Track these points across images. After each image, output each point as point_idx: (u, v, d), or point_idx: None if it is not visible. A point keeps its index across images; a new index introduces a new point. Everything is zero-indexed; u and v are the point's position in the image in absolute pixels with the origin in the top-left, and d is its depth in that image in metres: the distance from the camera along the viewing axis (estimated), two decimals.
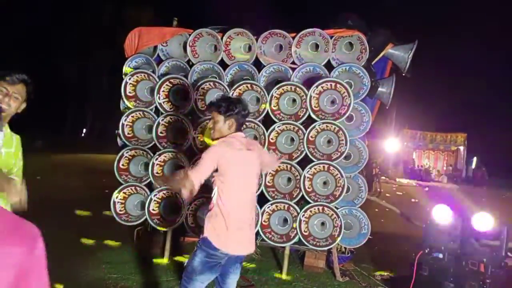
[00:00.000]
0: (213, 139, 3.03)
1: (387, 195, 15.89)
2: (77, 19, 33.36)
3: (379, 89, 5.48)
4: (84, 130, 40.02)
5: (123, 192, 5.42)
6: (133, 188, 5.41)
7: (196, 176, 2.77)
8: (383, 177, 17.41)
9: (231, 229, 2.82)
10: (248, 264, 5.37)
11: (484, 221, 3.91)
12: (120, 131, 5.45)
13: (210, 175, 2.87)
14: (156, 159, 5.26)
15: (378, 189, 16.49)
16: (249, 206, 2.99)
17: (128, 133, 5.49)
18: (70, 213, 7.54)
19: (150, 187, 5.37)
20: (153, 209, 5.27)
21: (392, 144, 22.94)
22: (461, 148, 29.85)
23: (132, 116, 5.46)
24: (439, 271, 3.97)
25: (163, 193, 5.27)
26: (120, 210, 5.43)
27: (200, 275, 2.82)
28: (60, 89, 35.07)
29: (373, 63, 5.44)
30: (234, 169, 2.87)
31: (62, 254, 5.22)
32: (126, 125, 5.47)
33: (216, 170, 2.86)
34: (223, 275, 2.94)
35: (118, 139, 5.63)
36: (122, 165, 5.46)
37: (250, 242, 3.01)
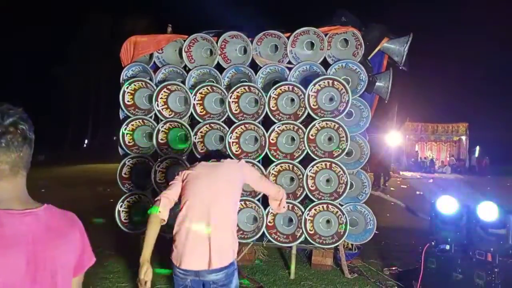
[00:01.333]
0: None
1: (391, 189, 15.85)
2: (73, 32, 33.54)
3: (377, 83, 5.48)
4: (86, 141, 40.10)
5: (127, 201, 5.42)
6: (136, 196, 5.41)
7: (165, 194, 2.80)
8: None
9: (190, 242, 2.69)
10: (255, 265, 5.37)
11: (489, 210, 3.89)
12: (120, 140, 5.46)
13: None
14: (158, 166, 5.26)
15: (382, 184, 16.47)
16: (210, 220, 2.72)
17: (129, 142, 5.50)
18: None
19: (154, 194, 5.37)
20: None
21: (394, 138, 22.88)
22: (463, 138, 29.77)
23: (132, 125, 5.47)
24: (447, 263, 3.96)
25: None
26: (125, 219, 5.43)
27: None
28: (60, 102, 35.22)
29: (369, 58, 5.43)
30: (194, 180, 2.80)
31: None
32: (126, 134, 5.48)
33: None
34: None
35: (120, 149, 5.63)
36: (125, 174, 5.47)
37: (207, 257, 2.67)
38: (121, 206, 5.41)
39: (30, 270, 1.24)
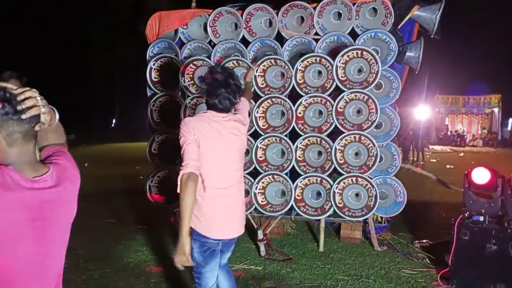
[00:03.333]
0: None
1: (421, 162, 15.60)
2: (98, 13, 33.79)
3: (407, 53, 5.31)
4: (114, 121, 40.87)
5: (157, 176, 5.52)
6: (166, 171, 5.50)
7: (186, 163, 2.52)
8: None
9: (220, 212, 2.65)
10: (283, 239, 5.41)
11: None
12: (149, 116, 5.52)
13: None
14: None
15: (412, 158, 16.21)
16: (233, 181, 2.73)
17: (157, 118, 5.55)
18: (107, 201, 7.78)
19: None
20: None
21: (424, 111, 22.35)
22: (496, 110, 28.82)
23: (159, 101, 5.51)
24: (481, 234, 3.89)
25: None
26: (156, 194, 5.54)
27: (206, 265, 2.66)
28: (87, 83, 35.89)
29: (399, 27, 5.26)
30: (210, 146, 2.62)
31: (103, 239, 5.43)
32: (154, 110, 5.53)
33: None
34: None
35: (148, 125, 5.71)
36: (154, 149, 5.56)
37: (240, 223, 2.80)
38: (151, 181, 5.51)
39: (36, 232, 1.39)
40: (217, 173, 2.65)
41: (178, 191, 2.48)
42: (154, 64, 5.50)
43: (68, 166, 1.56)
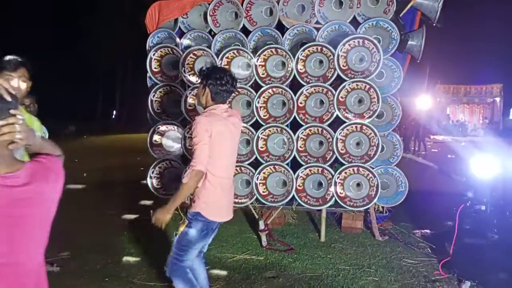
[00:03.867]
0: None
1: (423, 152, 15.58)
2: (97, 2, 33.59)
3: (409, 42, 5.26)
4: (114, 112, 40.82)
5: (158, 167, 5.51)
6: (167, 162, 5.49)
7: (199, 160, 2.75)
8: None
9: (222, 198, 2.95)
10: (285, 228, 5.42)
11: None
12: (149, 107, 5.49)
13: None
14: (187, 132, 5.29)
15: (413, 147, 16.17)
16: (232, 173, 3.13)
17: (158, 109, 5.53)
18: (108, 193, 7.79)
19: (184, 160, 5.44)
20: None
21: (425, 101, 22.26)
22: (497, 99, 28.68)
23: (160, 92, 5.49)
24: (483, 223, 3.88)
25: None
26: (158, 185, 5.54)
27: (196, 243, 2.92)
28: (88, 74, 35.78)
29: (401, 15, 5.21)
30: (221, 141, 2.84)
31: (104, 231, 5.44)
32: (155, 101, 5.50)
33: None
34: None
35: (149, 116, 5.68)
36: (155, 140, 5.54)
37: (231, 209, 3.13)
38: (152, 172, 5.50)
39: (3, 232, 1.33)
40: (223, 165, 2.94)
41: (184, 180, 2.76)
42: (154, 54, 5.47)
43: (50, 165, 1.49)
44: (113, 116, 40.56)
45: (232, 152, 3.04)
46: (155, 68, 5.52)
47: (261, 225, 5.00)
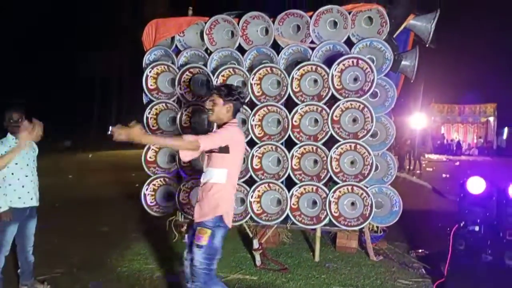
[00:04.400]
0: (209, 120, 3.34)
1: (418, 171, 15.62)
2: (95, 19, 33.83)
3: (403, 62, 5.32)
4: (110, 128, 40.76)
5: (153, 184, 5.49)
6: (162, 179, 5.47)
7: (206, 142, 2.95)
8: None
9: (232, 206, 3.27)
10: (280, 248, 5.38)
11: None
12: (144, 124, 5.50)
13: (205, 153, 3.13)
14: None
15: (408, 167, 16.21)
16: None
17: (153, 126, 5.53)
18: (102, 209, 7.73)
19: (179, 177, 5.43)
20: (183, 199, 5.32)
21: (420, 120, 22.42)
22: (491, 119, 28.96)
23: (156, 109, 5.50)
24: (476, 244, 3.87)
25: (192, 183, 5.31)
26: (151, 202, 5.51)
27: (220, 250, 3.10)
28: (84, 89, 35.85)
29: (394, 36, 5.28)
30: (240, 152, 3.20)
31: (97, 248, 5.38)
32: (150, 117, 5.51)
33: (224, 151, 3.04)
34: None
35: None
36: (150, 157, 5.53)
37: None
38: (146, 189, 5.47)
39: None
40: (236, 175, 3.24)
41: (184, 138, 2.96)
42: (150, 72, 5.50)
43: None
44: (109, 132, 40.51)
45: (241, 165, 3.39)
46: (151, 85, 5.55)
47: (255, 244, 4.96)
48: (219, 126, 3.18)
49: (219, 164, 3.08)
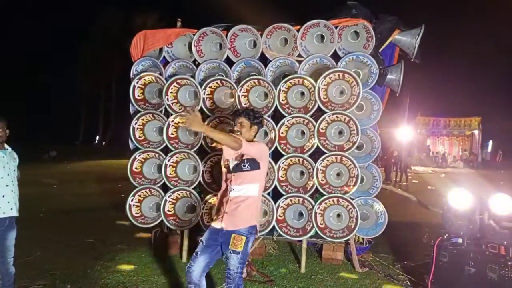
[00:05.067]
0: None
1: (404, 183, 15.75)
2: (84, 30, 33.81)
3: (388, 76, 5.42)
4: (97, 138, 40.47)
5: (138, 195, 5.45)
6: (147, 190, 5.44)
7: (246, 146, 3.17)
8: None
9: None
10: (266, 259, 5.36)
11: (503, 203, 3.85)
12: (131, 134, 5.48)
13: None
14: (169, 160, 5.28)
15: (394, 179, 16.34)
16: None
17: (139, 136, 5.52)
18: (87, 220, 7.63)
19: (165, 188, 5.40)
20: (168, 210, 5.29)
21: (405, 132, 22.68)
22: (476, 132, 29.43)
23: (142, 119, 5.49)
24: (459, 256, 3.91)
25: (178, 194, 5.29)
26: (136, 213, 5.46)
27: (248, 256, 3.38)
28: (72, 99, 35.62)
29: (380, 50, 5.38)
30: (267, 166, 3.58)
31: (81, 259, 5.31)
32: (137, 128, 5.50)
33: (255, 168, 3.28)
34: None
35: (130, 143, 5.66)
36: (135, 168, 5.50)
37: None
38: (132, 200, 5.44)
39: None
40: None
41: (233, 139, 3.11)
42: (137, 82, 5.50)
43: None
44: (96, 141, 40.20)
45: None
46: (138, 95, 5.55)
47: None
48: None
49: (252, 180, 3.31)
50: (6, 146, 3.89)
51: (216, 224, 3.34)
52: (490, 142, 29.86)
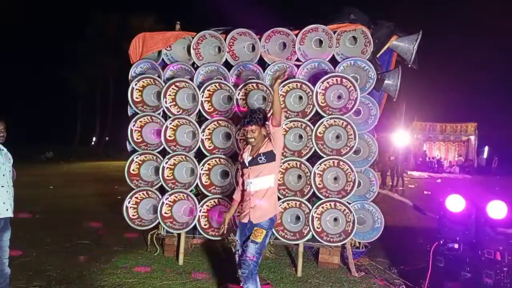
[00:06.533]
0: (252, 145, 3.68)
1: (400, 188, 15.79)
2: (83, 31, 33.77)
3: (386, 81, 5.45)
4: (94, 139, 40.37)
5: (135, 197, 5.45)
6: (144, 192, 5.44)
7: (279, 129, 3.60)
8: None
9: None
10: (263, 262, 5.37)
11: (498, 209, 3.87)
12: (129, 136, 5.48)
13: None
14: (166, 162, 5.29)
15: (391, 183, 16.37)
16: None
17: (137, 138, 5.52)
18: (83, 221, 7.61)
19: (162, 191, 5.40)
20: (165, 213, 5.30)
21: (402, 137, 22.76)
22: (472, 137, 29.52)
23: (140, 121, 5.49)
24: (455, 262, 3.94)
25: (175, 196, 5.29)
26: (133, 215, 5.46)
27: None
28: (68, 100, 35.53)
29: (378, 56, 5.41)
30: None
31: (76, 260, 5.29)
32: (135, 130, 5.50)
33: (271, 160, 3.58)
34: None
35: (128, 145, 5.66)
36: (133, 170, 5.50)
37: None
38: (129, 202, 5.43)
39: None
40: None
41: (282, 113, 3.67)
42: (136, 84, 5.50)
43: None
44: (93, 143, 40.09)
45: None
46: (136, 98, 5.55)
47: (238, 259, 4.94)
48: (257, 144, 3.65)
49: (269, 171, 3.59)
50: (1, 147, 3.88)
51: (243, 219, 3.67)
52: (486, 148, 29.96)
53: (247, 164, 3.63)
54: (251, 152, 3.65)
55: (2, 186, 3.81)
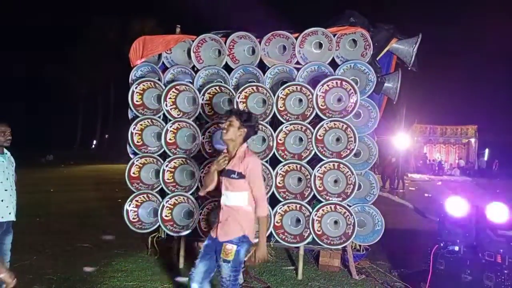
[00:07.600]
0: (222, 139, 3.34)
1: (401, 190, 15.78)
2: (83, 35, 33.83)
3: (385, 84, 5.46)
4: (94, 142, 40.40)
5: (136, 200, 5.45)
6: (145, 195, 5.44)
7: (265, 201, 3.35)
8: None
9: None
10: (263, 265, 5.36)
11: (499, 211, 3.87)
12: (129, 139, 5.49)
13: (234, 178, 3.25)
14: (167, 165, 5.29)
15: (391, 186, 16.37)
16: None
17: (138, 142, 5.53)
18: (83, 224, 7.62)
19: (162, 194, 5.41)
20: (165, 216, 5.30)
21: (402, 140, 22.76)
22: (472, 140, 29.57)
23: (141, 124, 5.50)
24: (456, 264, 3.93)
25: (175, 199, 5.29)
26: (134, 218, 5.46)
27: (242, 264, 3.32)
28: (69, 103, 35.55)
29: (377, 58, 5.42)
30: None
31: (77, 264, 5.29)
32: (135, 133, 5.51)
33: (244, 177, 3.22)
34: None
35: (128, 148, 5.67)
36: (133, 173, 5.51)
37: None
38: (129, 206, 5.44)
39: None
40: None
41: (264, 214, 3.28)
42: (136, 87, 5.51)
43: None
44: (93, 146, 40.12)
45: None
46: (137, 101, 5.56)
47: None
48: (231, 147, 3.29)
49: (240, 188, 3.24)
50: (5, 150, 3.90)
51: (212, 233, 3.35)
52: (487, 151, 29.97)
53: (222, 173, 3.31)
54: (229, 161, 3.28)
55: (6, 190, 3.82)
